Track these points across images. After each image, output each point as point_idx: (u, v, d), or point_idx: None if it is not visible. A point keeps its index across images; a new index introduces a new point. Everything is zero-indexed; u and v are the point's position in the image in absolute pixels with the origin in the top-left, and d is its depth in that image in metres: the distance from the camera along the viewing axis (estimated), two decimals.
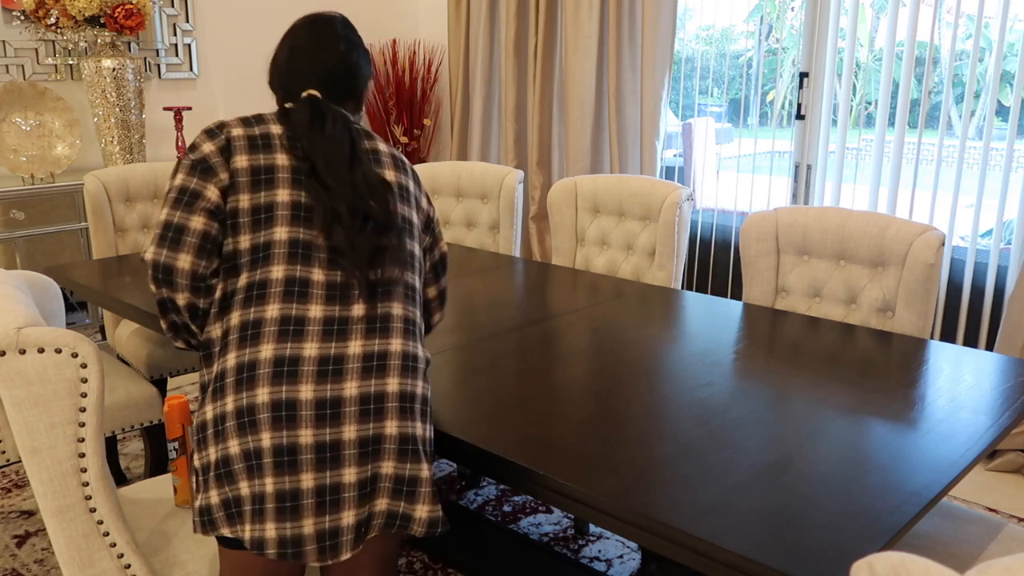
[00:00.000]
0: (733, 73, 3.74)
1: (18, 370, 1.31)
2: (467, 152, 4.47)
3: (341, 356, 1.32)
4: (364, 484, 1.30)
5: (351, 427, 1.30)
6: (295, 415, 1.28)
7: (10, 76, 3.46)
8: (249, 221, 1.39)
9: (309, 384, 1.29)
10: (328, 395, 1.29)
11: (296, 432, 1.28)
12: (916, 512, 1.20)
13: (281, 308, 1.35)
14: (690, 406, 1.54)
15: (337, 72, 1.52)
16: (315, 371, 1.30)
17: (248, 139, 1.42)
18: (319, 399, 1.29)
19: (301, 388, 1.29)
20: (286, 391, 1.28)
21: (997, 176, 2.95)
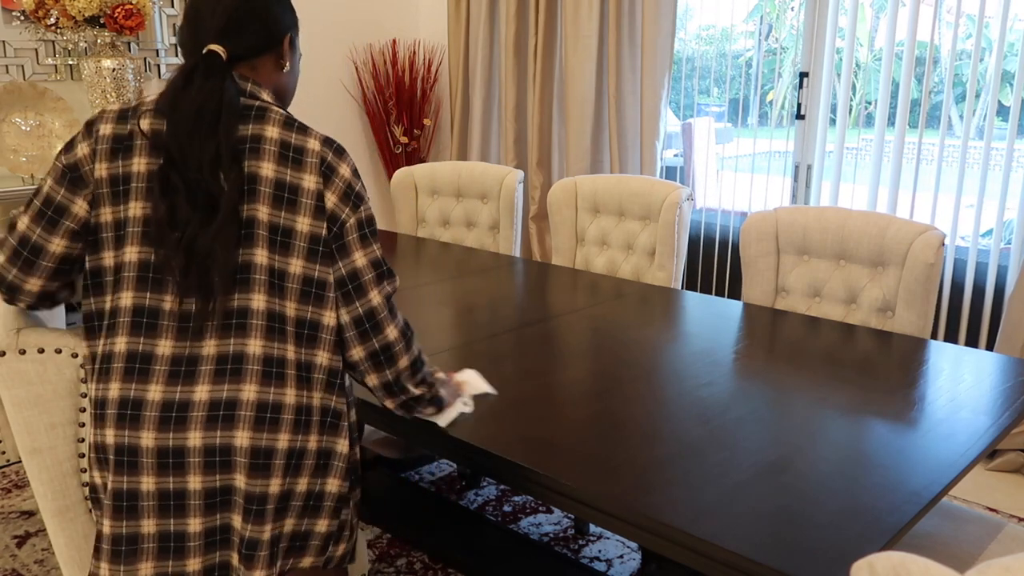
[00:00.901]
0: (733, 73, 3.74)
1: (18, 371, 1.31)
2: (467, 152, 4.47)
3: (186, 402, 1.19)
4: (211, 533, 1.22)
5: (196, 477, 1.19)
6: (136, 461, 1.19)
7: (10, 76, 3.46)
8: (112, 237, 1.23)
9: (151, 431, 1.18)
10: (171, 444, 1.18)
11: (138, 478, 1.19)
12: (916, 512, 1.20)
13: (128, 342, 1.21)
14: (690, 406, 1.54)
15: (240, 18, 1.28)
16: (158, 416, 1.18)
17: (113, 140, 1.24)
18: (161, 447, 1.18)
19: (143, 434, 1.18)
20: (128, 436, 1.19)
21: (997, 176, 2.95)
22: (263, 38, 1.32)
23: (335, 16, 4.46)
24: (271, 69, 1.34)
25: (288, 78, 1.38)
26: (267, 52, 1.33)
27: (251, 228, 1.22)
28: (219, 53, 1.25)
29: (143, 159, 1.23)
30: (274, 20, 1.33)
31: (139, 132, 1.24)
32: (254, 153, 1.23)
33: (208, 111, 1.20)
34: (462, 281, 2.42)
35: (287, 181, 1.24)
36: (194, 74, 1.22)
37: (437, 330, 1.98)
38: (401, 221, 3.19)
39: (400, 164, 4.59)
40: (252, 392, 1.20)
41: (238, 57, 1.29)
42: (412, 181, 3.17)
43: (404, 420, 1.48)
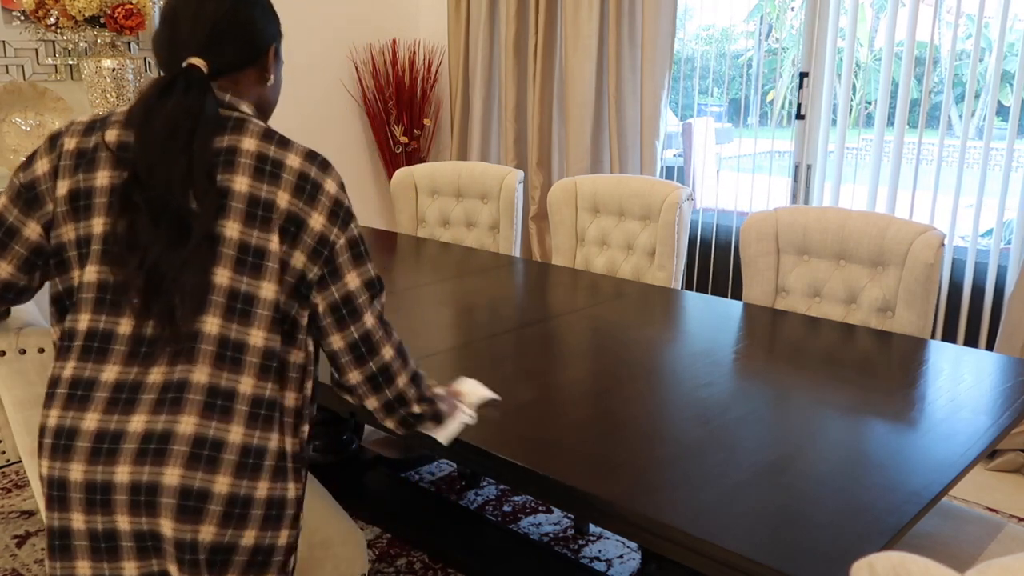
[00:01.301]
0: (733, 73, 3.74)
1: (18, 370, 1.31)
2: (467, 152, 4.47)
3: (120, 433, 1.09)
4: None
5: (123, 517, 1.09)
6: (66, 496, 1.10)
7: (10, 76, 3.46)
8: (76, 256, 1.15)
9: (81, 463, 1.09)
10: (98, 479, 1.08)
11: (68, 515, 1.10)
12: (916, 512, 1.20)
13: (75, 367, 1.13)
14: (690, 406, 1.54)
15: (223, 31, 1.21)
16: (89, 448, 1.09)
17: (77, 155, 1.16)
18: (88, 482, 1.08)
19: (72, 467, 1.09)
20: (59, 468, 1.10)
21: (997, 176, 2.95)
22: (247, 51, 1.25)
23: (335, 16, 4.46)
24: (253, 82, 1.27)
25: (271, 91, 1.32)
26: (250, 65, 1.26)
27: (216, 245, 1.13)
28: (200, 67, 1.18)
29: (106, 172, 1.15)
30: (258, 32, 1.26)
31: (103, 144, 1.16)
32: (228, 166, 1.15)
33: (184, 128, 1.12)
34: (462, 281, 2.42)
35: (262, 197, 1.15)
36: (172, 88, 1.14)
37: (437, 330, 1.98)
38: (401, 221, 3.19)
39: (400, 164, 4.59)
40: (191, 425, 1.09)
41: (220, 71, 1.22)
42: (412, 181, 3.17)
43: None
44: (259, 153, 1.17)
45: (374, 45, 4.63)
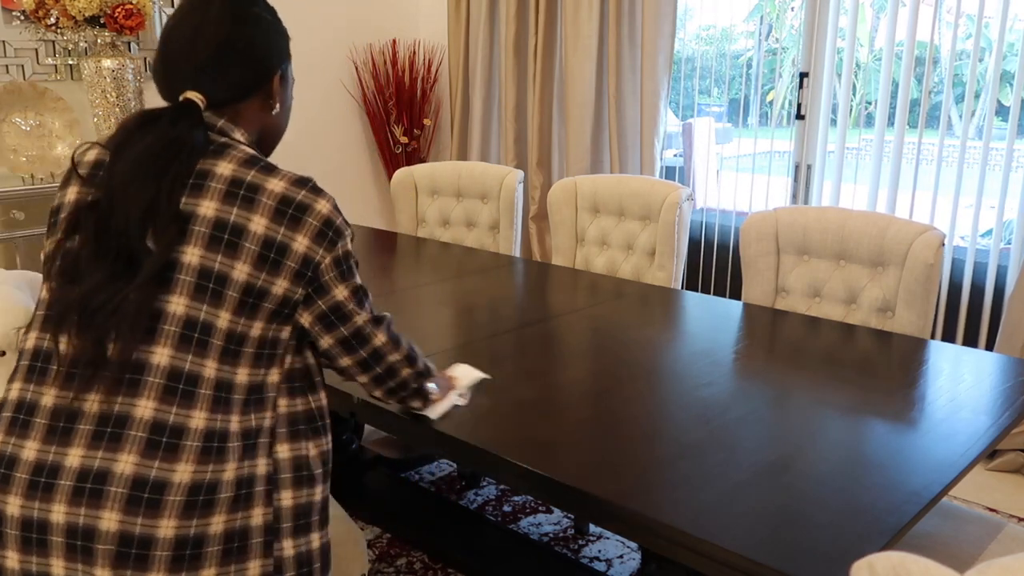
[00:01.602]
0: (733, 73, 3.74)
1: None
2: (467, 152, 4.47)
3: (57, 467, 1.01)
4: None
5: (59, 562, 1.01)
6: (3, 532, 1.02)
7: (10, 76, 3.46)
8: (46, 271, 1.12)
9: (18, 496, 1.02)
10: (35, 516, 1.01)
11: (4, 552, 1.02)
12: (916, 512, 1.20)
13: (21, 388, 1.07)
14: (690, 406, 1.54)
15: (220, 58, 1.14)
16: (27, 480, 1.02)
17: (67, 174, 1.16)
18: (25, 518, 1.01)
19: (10, 499, 1.02)
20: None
21: (997, 176, 2.95)
22: (248, 80, 1.17)
23: (335, 16, 4.46)
24: (257, 111, 1.20)
25: (278, 119, 1.25)
26: (253, 95, 1.19)
27: (171, 272, 1.06)
28: (196, 102, 1.12)
29: (75, 188, 1.13)
30: (262, 57, 1.18)
31: (75, 162, 1.14)
32: (196, 190, 1.09)
33: (160, 159, 1.07)
34: (462, 281, 2.42)
35: (230, 221, 1.08)
36: (159, 119, 1.10)
37: (437, 330, 1.98)
38: (401, 221, 3.20)
39: (400, 164, 4.59)
40: (129, 465, 1.01)
41: (218, 103, 1.15)
42: (412, 181, 3.17)
43: (404, 420, 1.48)
44: (233, 178, 1.10)
45: (374, 45, 4.63)
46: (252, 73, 1.18)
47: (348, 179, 4.72)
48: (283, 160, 4.17)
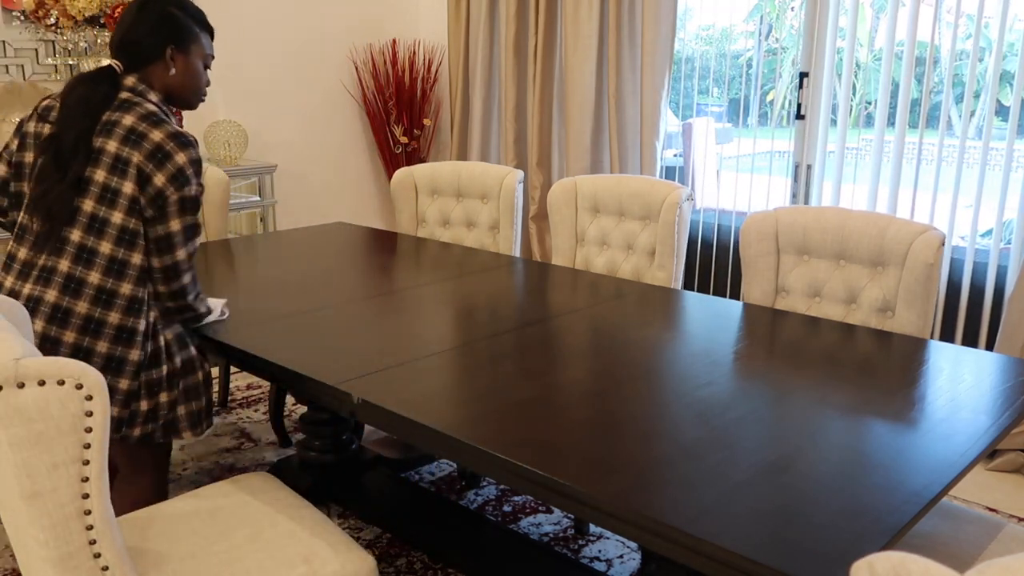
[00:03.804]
0: (733, 73, 3.74)
1: (17, 406, 1.18)
2: (467, 152, 4.47)
3: (17, 293, 1.69)
4: None
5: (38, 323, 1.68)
6: None
7: (10, 76, 3.46)
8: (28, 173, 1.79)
9: None
10: None
11: None
12: (916, 512, 1.20)
13: (12, 246, 1.76)
14: (690, 406, 1.54)
15: (124, 43, 1.79)
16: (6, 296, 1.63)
17: (33, 136, 1.78)
18: None
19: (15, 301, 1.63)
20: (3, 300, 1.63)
21: (997, 176, 2.95)
22: (142, 56, 1.79)
23: (335, 16, 4.46)
24: (162, 74, 1.82)
25: (176, 80, 1.84)
26: (152, 63, 1.80)
27: (87, 185, 1.69)
28: (114, 66, 1.78)
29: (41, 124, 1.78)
30: (156, 39, 1.79)
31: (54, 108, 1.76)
32: (107, 133, 1.70)
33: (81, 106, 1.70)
34: (462, 281, 2.42)
35: (123, 155, 1.69)
36: (83, 79, 1.74)
37: (437, 330, 1.98)
38: (401, 221, 3.20)
39: (400, 164, 4.59)
40: (52, 296, 1.68)
41: (130, 67, 1.79)
42: (412, 181, 3.17)
43: (404, 420, 1.49)
44: (131, 127, 1.71)
45: (374, 45, 4.63)
46: (145, 52, 1.79)
47: (348, 179, 4.72)
48: (283, 159, 4.18)
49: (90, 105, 1.70)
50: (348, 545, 1.59)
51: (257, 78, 4.22)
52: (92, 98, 1.71)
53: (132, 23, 1.80)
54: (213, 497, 1.74)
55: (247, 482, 1.81)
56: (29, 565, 1.35)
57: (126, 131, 1.69)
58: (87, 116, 1.69)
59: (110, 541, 1.32)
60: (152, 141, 1.69)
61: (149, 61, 1.80)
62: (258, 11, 4.19)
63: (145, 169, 1.68)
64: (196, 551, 1.56)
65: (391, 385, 1.63)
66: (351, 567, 1.55)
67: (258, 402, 3.46)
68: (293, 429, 3.20)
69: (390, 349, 1.84)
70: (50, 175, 1.68)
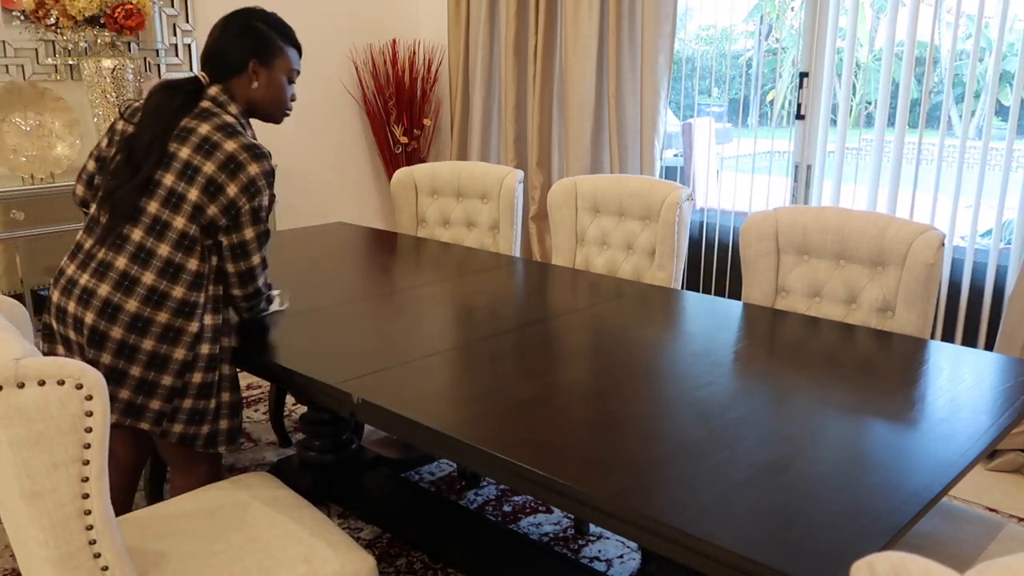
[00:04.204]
0: (733, 73, 3.74)
1: (16, 406, 1.18)
2: (467, 152, 4.47)
3: (75, 282, 1.74)
4: None
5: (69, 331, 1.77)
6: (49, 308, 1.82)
7: (10, 76, 3.46)
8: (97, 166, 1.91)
9: (55, 291, 1.77)
10: (61, 305, 1.77)
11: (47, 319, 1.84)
12: (916, 512, 1.20)
13: (81, 234, 1.83)
14: (690, 406, 1.54)
15: (211, 56, 1.86)
16: (63, 285, 1.76)
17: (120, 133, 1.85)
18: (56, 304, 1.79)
19: (54, 293, 1.79)
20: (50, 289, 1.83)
21: (997, 176, 2.95)
22: (226, 68, 1.85)
23: (335, 16, 4.46)
24: (244, 87, 1.87)
25: (259, 93, 1.89)
26: (235, 75, 1.86)
27: (156, 188, 1.74)
28: (200, 77, 1.86)
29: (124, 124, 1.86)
30: (239, 52, 1.84)
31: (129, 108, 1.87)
32: (182, 140, 1.76)
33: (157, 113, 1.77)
34: (462, 281, 2.42)
35: (194, 163, 1.73)
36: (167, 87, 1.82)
37: (437, 330, 1.98)
38: (401, 221, 3.20)
39: (400, 164, 4.59)
40: (104, 291, 1.71)
41: (216, 79, 1.86)
42: (412, 181, 3.17)
43: (404, 420, 1.49)
44: (205, 136, 1.75)
45: (374, 45, 4.63)
46: (231, 64, 1.85)
47: (348, 179, 4.72)
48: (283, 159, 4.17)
49: (167, 110, 1.76)
50: (348, 545, 1.59)
51: None
52: (170, 103, 1.77)
53: (218, 35, 1.86)
54: (213, 497, 1.75)
55: (247, 482, 1.81)
56: (29, 565, 1.35)
57: (200, 140, 1.74)
58: (163, 120, 1.75)
59: (110, 541, 1.32)
60: (225, 151, 1.73)
61: (233, 73, 1.84)
62: None
63: (217, 179, 1.72)
64: (196, 551, 1.56)
65: (391, 385, 1.63)
66: (351, 567, 1.55)
67: (258, 402, 3.46)
68: (293, 429, 3.20)
69: (390, 349, 1.84)
70: (121, 173, 1.75)
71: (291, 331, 1.95)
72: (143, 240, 1.72)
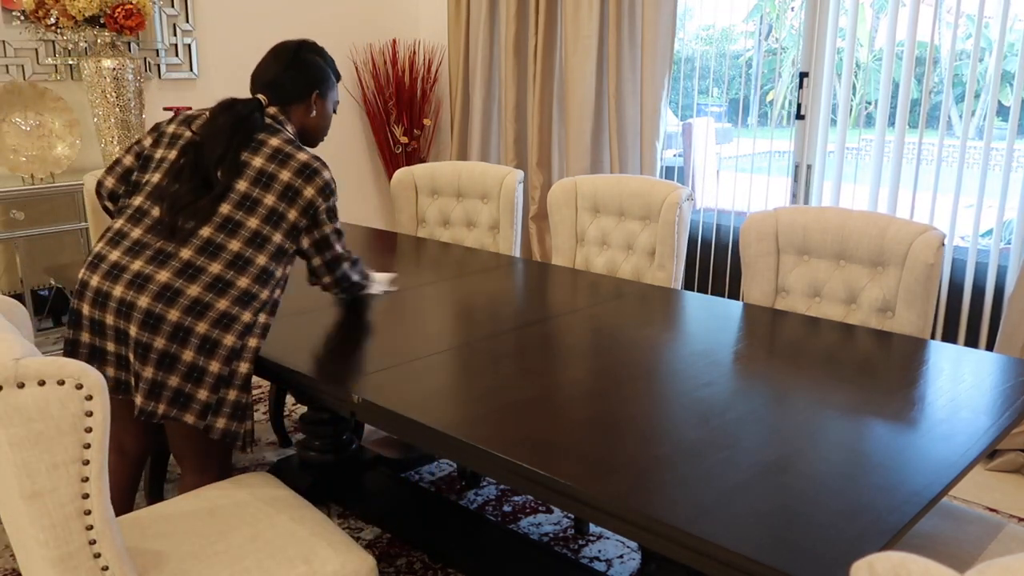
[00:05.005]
0: (733, 73, 3.74)
1: (16, 406, 1.18)
2: (467, 152, 4.47)
3: (124, 266, 1.76)
4: None
5: (110, 318, 1.75)
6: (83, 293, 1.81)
7: (10, 76, 3.46)
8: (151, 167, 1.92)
9: (98, 276, 1.77)
10: (104, 288, 1.76)
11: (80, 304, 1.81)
12: (916, 512, 1.20)
13: (122, 224, 1.84)
14: (690, 406, 1.54)
15: (277, 80, 1.96)
16: (106, 269, 1.77)
17: (171, 136, 1.92)
18: (98, 288, 1.77)
19: (94, 277, 1.78)
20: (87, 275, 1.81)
21: (997, 176, 2.95)
22: (293, 95, 1.98)
23: (335, 16, 4.46)
24: (302, 114, 2.00)
25: (313, 121, 2.03)
26: (296, 103, 1.98)
27: (227, 193, 1.81)
28: (262, 99, 1.95)
29: (178, 127, 1.93)
30: (303, 84, 1.98)
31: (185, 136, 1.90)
32: (255, 151, 1.86)
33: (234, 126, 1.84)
34: (462, 281, 2.42)
35: (269, 170, 1.84)
36: (231, 106, 1.88)
37: (437, 330, 1.98)
38: (401, 221, 3.20)
39: (400, 164, 4.59)
40: (165, 276, 1.73)
41: (276, 102, 1.97)
42: (412, 181, 3.17)
43: (404, 420, 1.49)
44: (277, 147, 1.87)
45: (374, 45, 4.63)
46: (296, 92, 1.98)
47: (348, 179, 4.72)
48: None
49: (243, 125, 1.85)
50: (348, 545, 1.59)
51: None
52: (246, 120, 1.87)
53: (283, 65, 1.97)
54: (213, 497, 1.75)
55: (247, 482, 1.81)
56: (29, 565, 1.34)
57: (272, 151, 1.86)
58: (238, 133, 1.84)
59: (110, 541, 1.32)
60: (299, 160, 1.87)
61: (293, 101, 1.98)
62: (258, 11, 4.19)
63: (295, 184, 1.84)
64: (196, 551, 1.56)
65: (391, 385, 1.63)
66: (351, 567, 1.55)
67: (258, 402, 3.46)
68: (293, 429, 3.20)
69: (390, 349, 1.84)
70: (188, 177, 1.82)
71: (291, 331, 1.95)
72: (212, 236, 1.77)
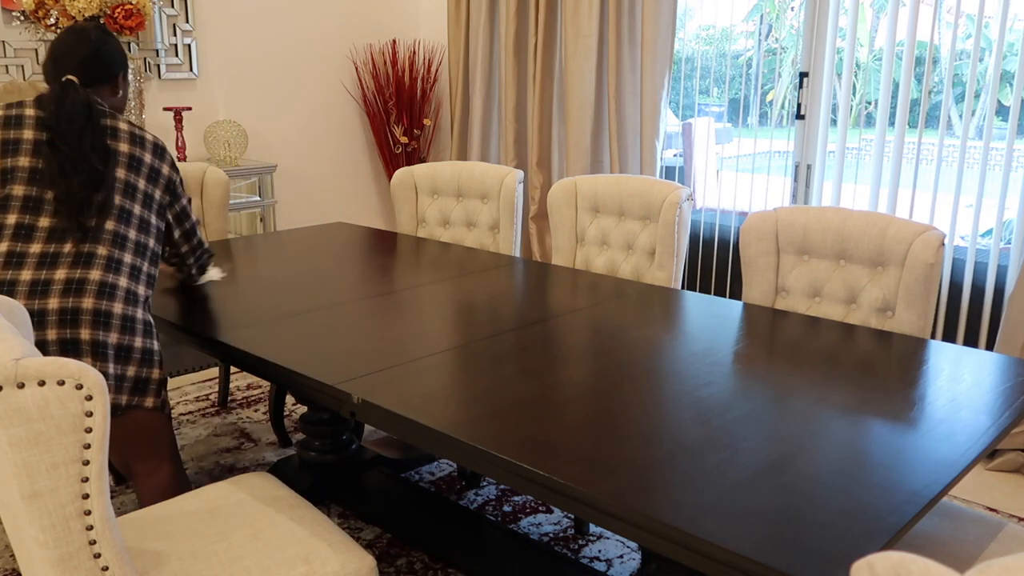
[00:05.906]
0: (733, 73, 3.74)
1: (16, 406, 1.18)
2: (467, 152, 4.47)
3: (49, 280, 1.76)
4: None
5: (52, 331, 1.73)
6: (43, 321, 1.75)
7: (10, 76, 3.46)
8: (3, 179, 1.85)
9: (21, 298, 1.74)
10: (36, 307, 1.73)
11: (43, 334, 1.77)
12: (916, 512, 1.20)
13: (9, 245, 1.79)
14: (690, 406, 1.54)
15: (87, 63, 1.94)
16: (26, 291, 1.74)
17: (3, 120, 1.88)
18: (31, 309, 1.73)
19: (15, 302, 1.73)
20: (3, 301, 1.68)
21: (997, 176, 2.95)
22: (102, 75, 1.99)
23: (335, 16, 4.46)
24: (108, 94, 2.02)
25: (120, 101, 2.08)
26: (105, 83, 2.00)
27: (114, 182, 1.89)
28: (74, 80, 1.90)
29: (30, 132, 1.87)
30: (111, 64, 2.00)
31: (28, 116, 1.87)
32: (114, 138, 1.91)
33: (85, 111, 1.85)
34: (462, 281, 2.42)
35: (135, 155, 1.94)
36: (68, 89, 1.86)
37: (437, 330, 1.98)
38: (401, 221, 3.20)
39: (400, 164, 4.59)
40: (97, 275, 1.79)
41: (86, 84, 1.94)
42: (412, 181, 3.17)
43: (404, 420, 1.49)
44: (128, 130, 1.95)
45: (374, 45, 4.63)
46: (104, 73, 1.99)
47: (348, 179, 4.72)
48: (283, 159, 4.17)
49: (92, 112, 1.86)
50: (348, 545, 1.59)
51: (257, 78, 4.22)
52: (91, 106, 1.87)
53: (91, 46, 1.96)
54: (213, 497, 1.74)
55: (247, 482, 1.81)
56: (29, 565, 1.34)
57: (128, 134, 1.93)
58: (92, 121, 1.86)
59: (110, 541, 1.32)
60: (149, 141, 1.98)
61: (104, 81, 2.00)
62: (258, 11, 4.19)
63: (155, 164, 1.97)
64: (196, 551, 1.56)
65: (391, 385, 1.63)
66: (351, 567, 1.55)
67: (258, 402, 3.46)
68: (293, 429, 3.20)
69: (390, 349, 1.84)
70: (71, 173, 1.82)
71: (291, 331, 1.95)
72: (116, 228, 1.87)
